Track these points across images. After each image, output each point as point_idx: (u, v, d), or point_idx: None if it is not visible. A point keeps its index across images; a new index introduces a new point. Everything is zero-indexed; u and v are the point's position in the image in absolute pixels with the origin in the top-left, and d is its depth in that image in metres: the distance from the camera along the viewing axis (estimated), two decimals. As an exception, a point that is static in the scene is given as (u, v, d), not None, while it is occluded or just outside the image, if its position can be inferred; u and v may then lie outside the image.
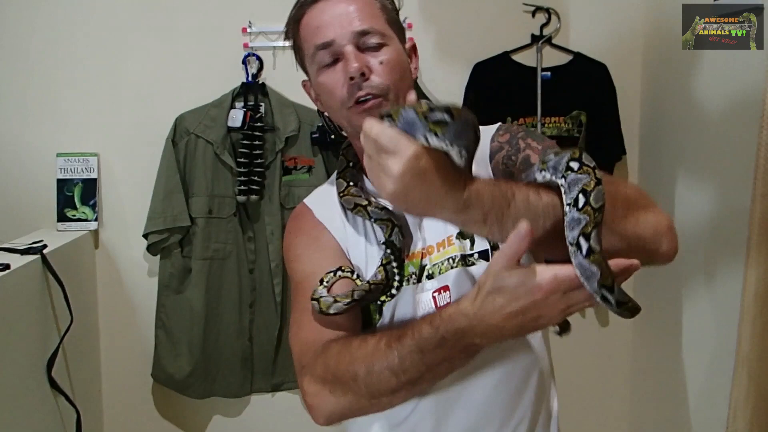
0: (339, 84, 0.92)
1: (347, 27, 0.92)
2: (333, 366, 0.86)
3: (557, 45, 2.06)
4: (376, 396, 0.84)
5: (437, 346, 0.78)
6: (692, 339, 1.77)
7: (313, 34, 0.94)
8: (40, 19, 2.00)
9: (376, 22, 0.94)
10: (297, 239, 1.01)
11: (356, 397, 0.85)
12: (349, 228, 0.99)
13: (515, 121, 2.02)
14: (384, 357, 0.82)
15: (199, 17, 2.02)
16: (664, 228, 0.88)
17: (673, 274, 1.90)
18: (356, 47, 0.92)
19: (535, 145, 0.94)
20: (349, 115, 0.94)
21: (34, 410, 1.58)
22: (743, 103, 1.49)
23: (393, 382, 0.81)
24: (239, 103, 2.01)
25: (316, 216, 1.02)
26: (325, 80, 0.94)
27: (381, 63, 0.92)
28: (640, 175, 2.12)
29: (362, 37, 0.92)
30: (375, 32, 0.93)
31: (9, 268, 1.47)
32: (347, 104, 0.92)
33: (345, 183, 1.00)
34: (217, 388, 2.04)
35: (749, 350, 1.27)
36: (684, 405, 1.82)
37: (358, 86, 0.91)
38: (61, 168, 2.01)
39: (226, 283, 2.01)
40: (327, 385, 0.87)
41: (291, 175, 2.01)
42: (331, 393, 0.86)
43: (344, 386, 0.85)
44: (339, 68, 0.92)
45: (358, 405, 0.86)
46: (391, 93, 0.92)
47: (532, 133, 0.98)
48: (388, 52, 0.93)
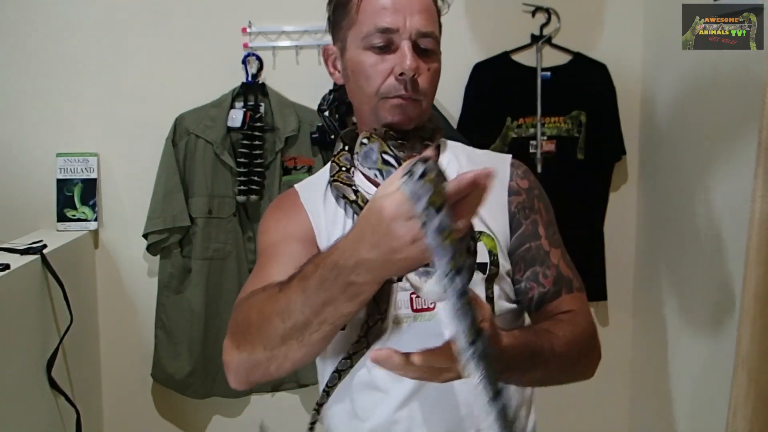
0: (384, 73, 0.92)
1: (413, 22, 0.91)
2: (240, 318, 0.84)
3: (557, 45, 2.06)
4: (269, 347, 0.78)
5: (318, 287, 0.71)
6: (692, 339, 1.77)
7: (378, 14, 0.92)
8: (40, 19, 2.00)
9: (436, 27, 0.95)
10: (272, 215, 1.02)
11: (253, 348, 0.80)
12: (329, 215, 0.98)
13: (515, 121, 2.02)
14: (275, 300, 0.77)
15: (199, 17, 2.02)
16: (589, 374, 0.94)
17: (673, 274, 1.90)
18: (414, 45, 0.92)
19: (543, 214, 0.99)
20: (379, 105, 0.95)
21: (34, 410, 1.58)
22: (743, 103, 1.49)
23: (280, 327, 0.75)
24: (239, 103, 2.01)
25: (300, 198, 1.02)
26: (369, 63, 0.93)
27: (429, 70, 0.94)
28: (640, 175, 2.12)
29: (422, 38, 0.92)
30: (434, 38, 0.94)
31: (9, 268, 1.47)
32: (384, 95, 0.93)
33: (337, 167, 1.00)
34: (217, 388, 2.04)
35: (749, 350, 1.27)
36: (684, 405, 1.82)
37: (405, 84, 0.91)
38: (60, 168, 2.01)
39: (226, 283, 2.01)
40: (235, 338, 0.84)
41: (291, 175, 2.01)
42: (236, 348, 0.83)
43: (244, 337, 0.81)
44: (390, 58, 0.92)
45: (255, 358, 0.81)
46: (426, 100, 0.95)
47: (544, 196, 1.02)
48: (436, 61, 0.95)
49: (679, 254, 1.86)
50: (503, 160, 1.04)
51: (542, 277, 0.95)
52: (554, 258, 0.97)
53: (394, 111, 0.94)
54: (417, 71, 0.91)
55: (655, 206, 2.04)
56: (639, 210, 2.13)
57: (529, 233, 0.97)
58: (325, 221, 0.98)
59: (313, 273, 0.72)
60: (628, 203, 2.14)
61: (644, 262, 2.11)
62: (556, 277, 0.96)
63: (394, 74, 0.91)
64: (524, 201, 0.99)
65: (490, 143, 2.02)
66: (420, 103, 0.94)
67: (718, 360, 1.62)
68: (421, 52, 0.93)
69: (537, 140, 2.01)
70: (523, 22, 2.05)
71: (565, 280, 0.96)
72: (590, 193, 2.06)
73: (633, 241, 2.15)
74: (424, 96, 0.94)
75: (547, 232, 0.99)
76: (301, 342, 0.76)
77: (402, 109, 0.93)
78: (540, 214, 1.00)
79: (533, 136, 2.02)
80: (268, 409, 2.14)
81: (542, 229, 0.98)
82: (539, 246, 0.97)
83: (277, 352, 0.79)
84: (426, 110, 0.97)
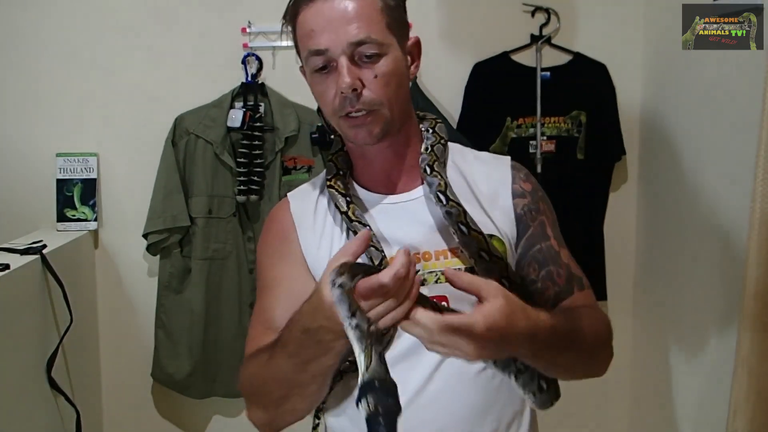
0: (331, 94, 0.90)
1: (342, 36, 0.87)
2: (246, 382, 0.93)
3: (557, 45, 2.06)
4: (275, 405, 0.89)
5: (297, 350, 0.82)
6: (692, 339, 1.77)
7: (307, 38, 0.90)
8: (40, 19, 2.00)
9: (374, 28, 0.88)
10: (265, 249, 1.04)
11: (265, 407, 0.91)
12: (317, 227, 1.00)
13: (515, 121, 2.02)
14: (267, 368, 0.87)
15: (198, 17, 2.02)
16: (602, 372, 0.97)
17: (673, 274, 1.90)
18: (350, 59, 0.88)
19: (548, 215, 1.01)
20: (340, 125, 0.93)
21: (34, 410, 1.58)
22: (743, 103, 1.49)
23: (277, 391, 0.87)
24: (239, 103, 2.01)
25: (291, 211, 1.02)
26: (317, 86, 0.92)
27: (375, 77, 0.88)
28: (640, 175, 2.12)
29: (358, 48, 0.87)
30: (371, 42, 0.88)
31: (9, 268, 1.47)
32: (339, 114, 0.91)
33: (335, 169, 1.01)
34: (217, 388, 2.04)
35: (749, 350, 1.27)
36: (684, 405, 1.82)
37: (350, 101, 0.88)
38: (60, 168, 2.01)
39: (225, 283, 2.01)
40: (249, 399, 0.94)
41: (291, 175, 2.01)
42: (255, 406, 0.93)
43: (256, 398, 0.92)
44: (331, 78, 0.89)
45: (269, 415, 0.92)
46: (384, 107, 0.90)
47: (546, 198, 1.04)
48: (384, 64, 0.89)
49: (679, 254, 1.86)
50: (503, 162, 1.04)
51: (556, 276, 0.97)
52: (564, 257, 0.99)
53: (353, 130, 0.92)
54: (357, 84, 0.87)
55: (655, 206, 2.04)
56: (639, 210, 2.13)
57: (538, 234, 0.98)
58: (313, 235, 0.99)
59: (289, 339, 0.83)
60: (628, 203, 2.14)
61: (644, 262, 2.11)
62: (568, 276, 0.98)
63: (337, 94, 0.89)
64: (529, 203, 1.00)
65: (489, 143, 2.02)
66: (377, 113, 0.90)
67: (718, 360, 1.62)
68: (366, 59, 0.88)
69: (537, 140, 2.01)
70: (523, 22, 2.05)
71: (576, 278, 0.98)
72: (590, 193, 2.06)
73: (633, 241, 2.15)
74: (380, 104, 0.89)
75: (554, 232, 1.00)
76: (302, 396, 0.87)
77: (359, 127, 0.91)
78: (546, 215, 1.01)
79: (533, 136, 2.02)
80: (268, 409, 2.14)
81: (550, 230, 1.00)
82: (549, 246, 0.98)
83: (286, 407, 0.89)
84: (395, 117, 0.92)
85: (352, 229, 0.95)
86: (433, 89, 2.05)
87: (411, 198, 0.99)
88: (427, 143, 1.01)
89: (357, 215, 0.95)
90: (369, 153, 0.98)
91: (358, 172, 1.02)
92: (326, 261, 0.94)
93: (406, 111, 0.98)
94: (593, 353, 0.92)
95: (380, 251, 0.92)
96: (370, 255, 0.92)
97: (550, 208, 1.04)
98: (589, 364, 0.93)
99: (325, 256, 0.97)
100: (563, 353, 0.84)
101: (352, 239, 0.79)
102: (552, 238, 0.99)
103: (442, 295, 0.91)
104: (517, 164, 1.05)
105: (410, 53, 0.97)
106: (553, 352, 0.81)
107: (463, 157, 1.04)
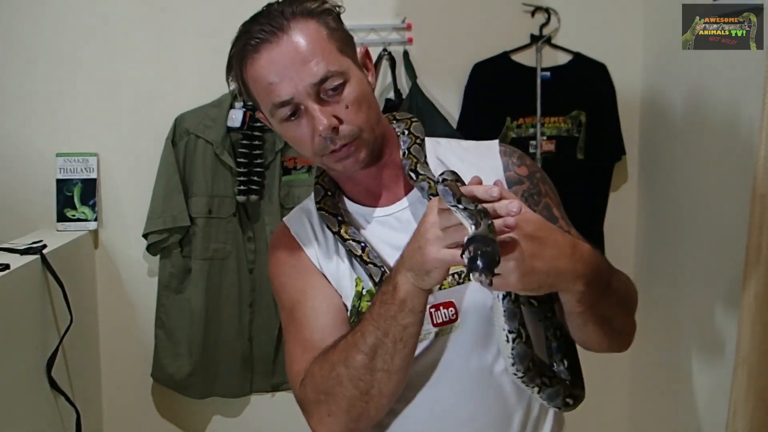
0: (307, 138, 0.87)
1: (303, 80, 0.84)
2: (316, 386, 0.87)
3: (557, 45, 2.06)
4: (361, 387, 0.84)
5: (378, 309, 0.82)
6: (692, 339, 1.77)
7: (266, 92, 0.87)
8: (40, 19, 2.00)
9: (330, 59, 0.85)
10: (279, 269, 1.01)
11: (346, 400, 0.85)
12: (322, 246, 0.99)
13: (515, 121, 2.02)
14: (345, 344, 0.85)
15: (198, 17, 2.02)
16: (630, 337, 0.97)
17: (673, 274, 1.90)
18: (317, 99, 0.85)
19: (552, 196, 0.98)
20: (325, 162, 0.91)
21: (34, 410, 1.58)
22: (743, 103, 1.49)
23: (361, 358, 0.83)
24: (239, 103, 2.01)
25: (292, 233, 1.01)
26: (290, 133, 0.89)
27: (347, 107, 0.86)
28: (640, 175, 2.12)
29: (322, 85, 0.85)
30: (332, 75, 0.85)
31: (9, 268, 1.47)
32: (321, 153, 0.89)
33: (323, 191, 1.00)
34: (217, 388, 2.04)
35: (749, 350, 1.27)
36: (684, 405, 1.82)
37: (330, 140, 0.86)
38: (60, 168, 2.01)
39: (226, 283, 2.01)
40: (321, 408, 0.87)
41: (291, 175, 2.01)
42: (328, 416, 0.87)
43: (332, 397, 0.86)
44: (304, 123, 0.87)
45: (352, 409, 0.85)
46: (365, 132, 0.89)
47: (546, 177, 1.01)
48: (350, 91, 0.87)
49: (679, 254, 1.86)
50: (490, 148, 1.00)
51: None
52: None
53: (340, 163, 0.90)
54: (334, 121, 0.85)
55: (655, 206, 2.04)
56: (639, 210, 2.13)
57: (546, 218, 0.93)
58: (319, 251, 0.99)
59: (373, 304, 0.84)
60: (628, 203, 2.14)
61: (644, 262, 2.11)
62: None
63: (315, 135, 0.86)
64: (529, 188, 0.97)
65: (490, 143, 2.02)
66: (359, 139, 0.88)
67: (718, 360, 1.62)
68: (332, 92, 0.86)
69: (537, 140, 2.01)
70: (523, 22, 2.05)
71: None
72: (590, 193, 2.06)
73: (633, 241, 2.15)
74: (360, 131, 0.88)
75: (561, 212, 0.98)
76: (387, 371, 0.83)
77: (346, 159, 0.89)
78: (549, 196, 0.98)
79: (533, 136, 2.02)
80: (268, 409, 2.14)
81: (556, 211, 0.97)
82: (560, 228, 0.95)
83: (372, 390, 0.84)
84: (376, 136, 0.91)
85: (347, 248, 0.94)
86: (433, 89, 2.05)
87: (403, 207, 0.97)
88: (403, 147, 0.97)
89: (350, 233, 0.94)
90: (355, 175, 0.96)
91: (346, 190, 1.01)
92: (335, 275, 0.96)
93: (382, 124, 0.96)
94: (627, 307, 0.92)
95: (379, 267, 0.92)
96: (369, 272, 0.92)
97: (552, 187, 1.00)
98: (624, 322, 0.92)
99: (332, 271, 0.97)
100: (606, 295, 0.83)
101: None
102: (560, 218, 0.97)
103: (449, 301, 0.91)
104: (508, 148, 1.01)
105: (364, 66, 0.94)
106: (599, 288, 0.81)
107: (447, 153, 1.01)
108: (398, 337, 0.82)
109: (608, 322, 0.86)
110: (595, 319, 0.84)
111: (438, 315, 0.91)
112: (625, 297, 0.90)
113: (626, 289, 0.91)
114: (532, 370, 0.86)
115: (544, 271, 0.74)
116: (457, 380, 0.91)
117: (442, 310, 0.91)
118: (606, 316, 0.85)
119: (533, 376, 0.86)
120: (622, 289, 0.89)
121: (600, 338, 0.88)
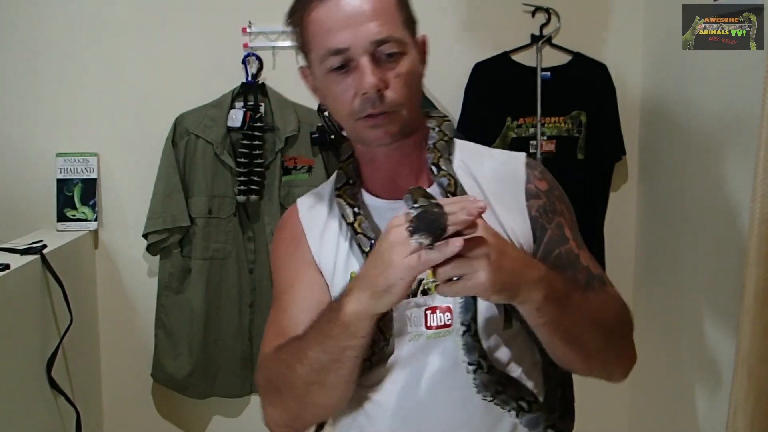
0: (350, 94, 0.86)
1: (364, 35, 0.84)
2: (268, 374, 0.90)
3: (557, 45, 2.06)
4: (296, 396, 0.86)
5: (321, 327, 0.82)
6: (692, 339, 1.77)
7: (325, 36, 0.86)
8: (40, 19, 2.00)
9: (394, 27, 0.86)
10: (279, 251, 1.03)
11: (284, 402, 0.88)
12: (325, 238, 0.98)
13: (515, 121, 2.02)
14: (293, 349, 0.85)
15: (199, 17, 2.02)
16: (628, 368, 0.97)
17: (673, 274, 1.90)
18: (372, 57, 0.85)
19: (567, 216, 0.97)
20: (356, 127, 0.90)
21: (34, 410, 1.58)
22: (743, 102, 1.49)
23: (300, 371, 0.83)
24: (239, 103, 2.01)
25: (300, 218, 1.01)
26: (334, 87, 0.88)
27: (398, 77, 0.86)
28: (640, 175, 2.12)
29: (379, 47, 0.85)
30: (393, 40, 0.85)
31: (9, 268, 1.47)
32: (357, 116, 0.88)
33: (345, 178, 0.99)
34: (217, 388, 2.04)
35: (749, 350, 1.27)
36: (684, 405, 1.81)
37: (371, 102, 0.85)
38: (60, 168, 2.01)
39: (226, 283, 2.01)
40: (268, 396, 0.90)
41: (291, 175, 2.01)
42: (272, 405, 0.90)
43: (277, 392, 0.88)
44: (351, 78, 0.86)
45: (289, 411, 0.88)
46: (404, 108, 0.88)
47: (565, 197, 1.00)
48: (405, 64, 0.87)
49: (679, 254, 1.86)
50: (517, 161, 0.99)
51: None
52: (584, 260, 0.95)
53: (372, 131, 0.89)
54: (381, 84, 0.85)
55: (655, 206, 2.04)
56: (639, 210, 2.13)
57: (557, 238, 0.94)
58: (320, 241, 0.98)
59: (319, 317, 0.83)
60: (628, 203, 2.14)
61: (644, 262, 2.11)
62: (588, 278, 0.94)
63: (358, 94, 0.86)
64: (545, 204, 0.95)
65: (490, 143, 2.01)
66: (397, 113, 0.88)
67: (718, 360, 1.62)
68: (387, 58, 0.86)
69: (537, 140, 2.01)
70: (523, 22, 2.05)
71: (597, 277, 0.95)
72: (590, 193, 2.06)
73: (633, 241, 2.15)
74: (401, 105, 0.87)
75: (573, 233, 0.96)
76: (322, 385, 0.83)
77: (378, 128, 0.88)
78: (564, 216, 0.96)
79: (533, 136, 2.02)
80: (268, 409, 2.14)
81: (568, 231, 0.95)
82: (569, 250, 0.94)
83: (306, 399, 0.85)
84: (411, 117, 0.91)
85: (356, 242, 0.93)
86: (433, 89, 2.05)
87: None
88: (430, 142, 0.97)
89: (363, 228, 0.93)
90: (379, 157, 0.96)
91: (365, 178, 1.00)
92: (330, 268, 0.95)
93: (420, 112, 0.96)
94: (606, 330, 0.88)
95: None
96: None
97: (569, 207, 0.99)
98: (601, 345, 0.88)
99: (329, 264, 0.96)
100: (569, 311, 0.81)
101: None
102: (571, 240, 0.95)
103: (447, 306, 0.89)
104: (533, 161, 1.00)
105: (421, 52, 0.94)
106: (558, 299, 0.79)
107: (473, 156, 1.00)
108: (336, 357, 0.81)
109: (576, 341, 0.84)
110: (561, 336, 0.83)
111: (433, 318, 0.89)
112: (598, 318, 0.87)
113: (602, 310, 0.89)
114: (504, 393, 0.84)
115: (510, 270, 0.73)
116: (441, 384, 0.89)
117: (438, 314, 0.89)
118: (572, 334, 0.83)
119: (506, 398, 0.85)
120: (591, 310, 0.86)
121: (570, 357, 0.87)
